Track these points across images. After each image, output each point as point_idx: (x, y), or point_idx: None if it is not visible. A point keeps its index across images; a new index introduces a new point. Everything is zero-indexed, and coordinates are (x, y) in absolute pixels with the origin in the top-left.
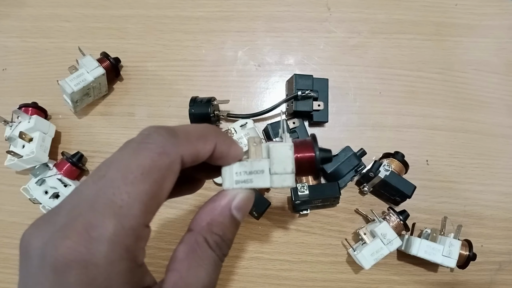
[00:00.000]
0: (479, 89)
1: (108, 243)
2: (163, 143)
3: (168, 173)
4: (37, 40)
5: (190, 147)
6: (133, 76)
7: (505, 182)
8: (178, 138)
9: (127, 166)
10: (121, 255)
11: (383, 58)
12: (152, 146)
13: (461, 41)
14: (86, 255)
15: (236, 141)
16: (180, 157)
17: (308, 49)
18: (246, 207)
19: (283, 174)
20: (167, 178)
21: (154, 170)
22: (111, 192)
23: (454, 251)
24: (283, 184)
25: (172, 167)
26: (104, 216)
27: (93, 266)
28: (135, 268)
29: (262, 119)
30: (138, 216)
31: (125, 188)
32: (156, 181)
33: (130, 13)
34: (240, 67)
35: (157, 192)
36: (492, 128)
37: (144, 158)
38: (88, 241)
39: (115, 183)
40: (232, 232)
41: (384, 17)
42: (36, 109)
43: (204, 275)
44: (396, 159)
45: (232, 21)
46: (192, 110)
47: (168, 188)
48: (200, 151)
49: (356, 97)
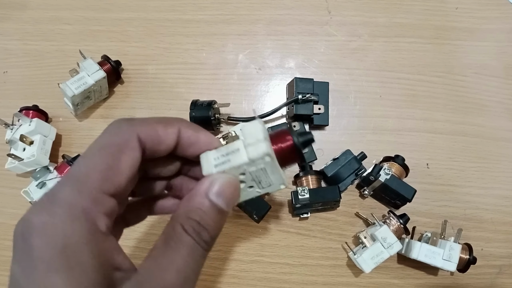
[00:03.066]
0: (479, 92)
1: (65, 204)
2: (119, 124)
3: (124, 148)
4: (38, 43)
5: (147, 127)
6: (134, 79)
7: (505, 186)
8: (135, 121)
9: (90, 147)
10: (77, 215)
11: (383, 62)
12: (110, 128)
13: (462, 44)
14: (46, 217)
15: (206, 130)
16: (136, 135)
17: (308, 52)
18: (227, 193)
19: (256, 143)
20: (124, 152)
21: (110, 145)
22: (74, 167)
23: (454, 255)
24: (258, 152)
25: (128, 143)
26: (63, 184)
27: (52, 227)
28: (96, 232)
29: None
30: (93, 182)
31: (83, 161)
32: (111, 154)
33: (131, 16)
34: (240, 70)
35: (113, 163)
36: (492, 131)
37: (102, 138)
38: (48, 206)
39: (78, 161)
40: (212, 218)
41: (385, 21)
42: (37, 112)
43: (179, 259)
44: (397, 163)
45: (233, 24)
46: (193, 113)
47: (128, 162)
48: (161, 134)
49: (357, 101)
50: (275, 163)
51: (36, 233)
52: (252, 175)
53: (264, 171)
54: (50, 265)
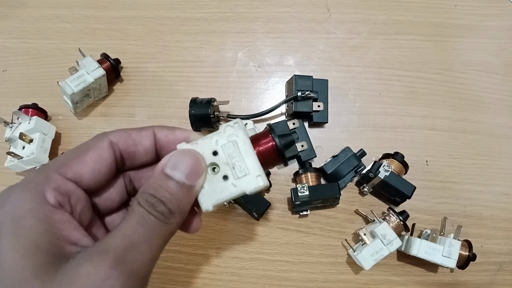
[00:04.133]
0: (479, 89)
1: (23, 181)
2: (96, 135)
3: (93, 146)
4: (38, 41)
5: (119, 132)
6: (133, 77)
7: (505, 183)
8: (109, 131)
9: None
10: (28, 187)
11: (382, 59)
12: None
13: (461, 41)
14: (6, 192)
15: (181, 128)
16: (106, 138)
17: (308, 50)
18: (184, 165)
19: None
20: (92, 149)
21: (82, 146)
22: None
23: (454, 252)
24: (229, 123)
25: (97, 143)
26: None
27: (7, 198)
28: (43, 202)
29: (262, 119)
30: (52, 165)
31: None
32: (80, 149)
33: (130, 14)
34: (240, 68)
35: (78, 155)
36: (492, 128)
37: (82, 143)
38: (13, 185)
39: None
40: (169, 190)
41: (384, 18)
42: (36, 110)
43: (127, 226)
44: (396, 160)
45: (232, 22)
46: (192, 111)
47: (93, 157)
48: (135, 137)
49: (356, 98)
50: (248, 142)
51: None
52: (225, 154)
53: (237, 148)
54: (1, 230)
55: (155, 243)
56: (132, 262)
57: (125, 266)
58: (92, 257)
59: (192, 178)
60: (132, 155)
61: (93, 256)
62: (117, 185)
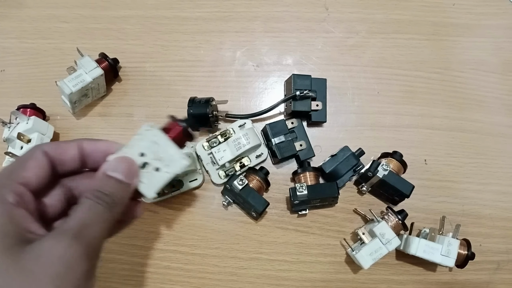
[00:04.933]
0: (477, 88)
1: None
2: (32, 147)
3: (31, 156)
4: (36, 41)
5: (51, 144)
6: (132, 77)
7: (503, 182)
8: (42, 143)
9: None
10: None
11: (381, 58)
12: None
13: (459, 40)
14: None
15: (106, 140)
16: (40, 149)
17: (306, 49)
18: (121, 166)
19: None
20: (31, 159)
21: (22, 158)
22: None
23: (453, 251)
24: (143, 126)
25: (34, 154)
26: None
27: None
28: (4, 202)
29: (260, 119)
30: (5, 174)
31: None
32: (23, 160)
33: (128, 14)
34: (238, 67)
35: (21, 165)
36: (490, 127)
37: (20, 156)
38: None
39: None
40: (111, 186)
41: (382, 17)
42: (34, 110)
43: (79, 212)
44: (395, 159)
45: (230, 21)
46: (191, 111)
47: (33, 164)
48: (63, 146)
49: (355, 97)
50: (165, 136)
51: None
52: (150, 152)
53: (157, 144)
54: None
55: (103, 225)
56: (87, 236)
57: (82, 239)
58: (53, 236)
59: (129, 177)
60: (62, 162)
61: (54, 235)
62: (56, 193)
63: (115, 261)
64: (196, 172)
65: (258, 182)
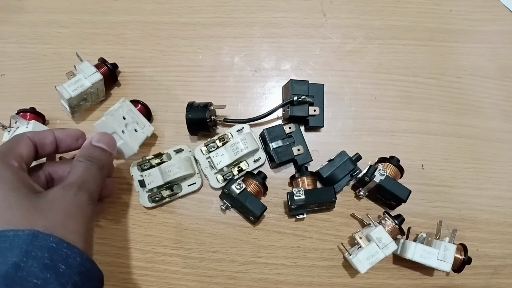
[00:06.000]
0: (473, 94)
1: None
2: (18, 134)
3: (19, 139)
4: (35, 46)
5: (33, 133)
6: (131, 81)
7: (499, 186)
8: (27, 131)
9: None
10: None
11: (378, 64)
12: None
13: (456, 46)
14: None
15: (74, 128)
16: (25, 135)
17: (304, 54)
18: (104, 139)
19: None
20: (21, 141)
21: (13, 140)
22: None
23: (449, 255)
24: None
25: (24, 138)
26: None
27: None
28: (10, 166)
29: (258, 124)
30: (4, 151)
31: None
32: (14, 141)
33: (127, 19)
34: (236, 72)
35: (14, 145)
36: (486, 132)
37: (9, 139)
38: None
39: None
40: (97, 153)
41: (379, 23)
42: (34, 114)
43: (77, 170)
44: (391, 164)
45: (228, 27)
46: (189, 115)
47: (22, 144)
48: (43, 134)
49: (352, 102)
50: (135, 108)
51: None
52: (129, 116)
53: (132, 112)
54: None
55: (98, 182)
56: (89, 188)
57: (85, 189)
58: (61, 187)
59: (110, 147)
60: (42, 145)
61: (62, 187)
62: (39, 174)
63: (113, 264)
64: (194, 176)
65: (256, 186)
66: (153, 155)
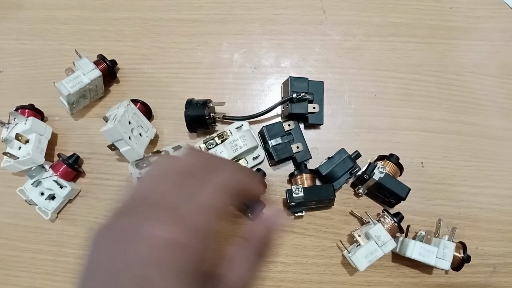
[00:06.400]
0: (473, 91)
1: None
2: None
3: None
4: (34, 42)
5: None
6: (130, 78)
7: (499, 184)
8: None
9: None
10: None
11: (378, 61)
12: None
13: (456, 44)
14: None
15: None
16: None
17: (303, 51)
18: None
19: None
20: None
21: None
22: None
23: (448, 253)
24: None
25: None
26: None
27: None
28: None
29: (257, 121)
30: None
31: None
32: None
33: (126, 15)
34: (236, 69)
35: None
36: (486, 130)
37: None
38: None
39: None
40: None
41: (379, 20)
42: (32, 111)
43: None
44: (391, 161)
45: (228, 23)
46: (188, 112)
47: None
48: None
49: (351, 100)
50: (138, 110)
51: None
52: (134, 120)
53: (136, 115)
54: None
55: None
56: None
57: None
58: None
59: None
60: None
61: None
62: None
63: None
64: None
65: None
66: (152, 153)
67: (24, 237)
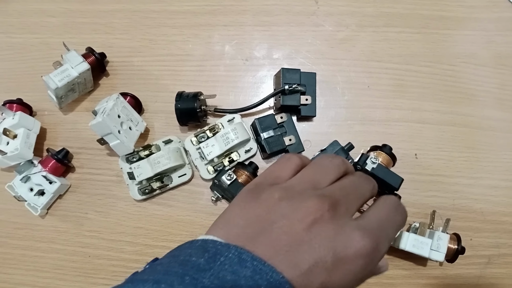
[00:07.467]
0: (467, 82)
1: None
2: None
3: None
4: (22, 35)
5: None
6: (119, 71)
7: (493, 176)
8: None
9: None
10: None
11: (371, 52)
12: None
13: (450, 34)
14: None
15: None
16: None
17: (296, 43)
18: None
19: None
20: None
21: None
22: None
23: (443, 245)
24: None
25: None
26: None
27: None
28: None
29: (249, 114)
30: None
31: None
32: None
33: (116, 8)
34: (227, 61)
35: None
36: (480, 121)
37: None
38: None
39: None
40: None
41: (372, 10)
42: (20, 105)
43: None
44: (384, 152)
45: (219, 15)
46: (178, 105)
47: None
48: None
49: (344, 91)
50: (128, 104)
51: None
52: (123, 114)
53: (126, 109)
54: None
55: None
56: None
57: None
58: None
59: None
60: None
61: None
62: None
63: (103, 257)
64: (184, 167)
65: (247, 177)
66: (142, 147)
67: (14, 234)
